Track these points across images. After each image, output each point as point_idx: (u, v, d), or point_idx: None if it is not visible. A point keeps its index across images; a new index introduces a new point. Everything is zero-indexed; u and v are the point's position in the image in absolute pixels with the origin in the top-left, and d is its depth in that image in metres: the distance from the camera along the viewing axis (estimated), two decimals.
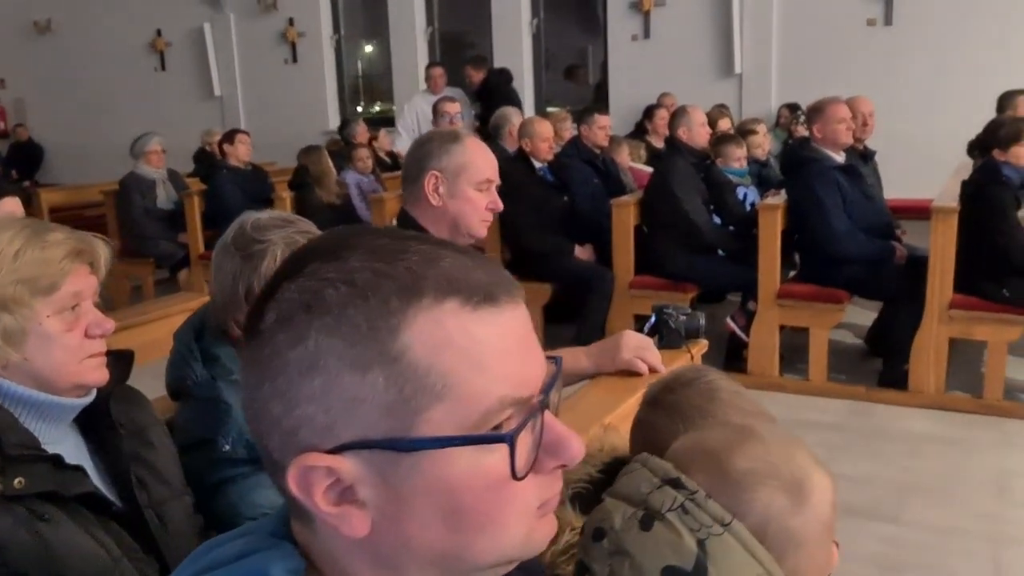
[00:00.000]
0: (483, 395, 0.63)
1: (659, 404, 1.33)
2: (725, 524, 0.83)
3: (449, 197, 2.08)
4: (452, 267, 0.64)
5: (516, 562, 0.71)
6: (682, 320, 2.05)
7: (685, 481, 0.85)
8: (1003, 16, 6.76)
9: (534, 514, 0.68)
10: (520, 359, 0.65)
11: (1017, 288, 4.02)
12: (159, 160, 6.12)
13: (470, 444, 0.62)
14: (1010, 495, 3.36)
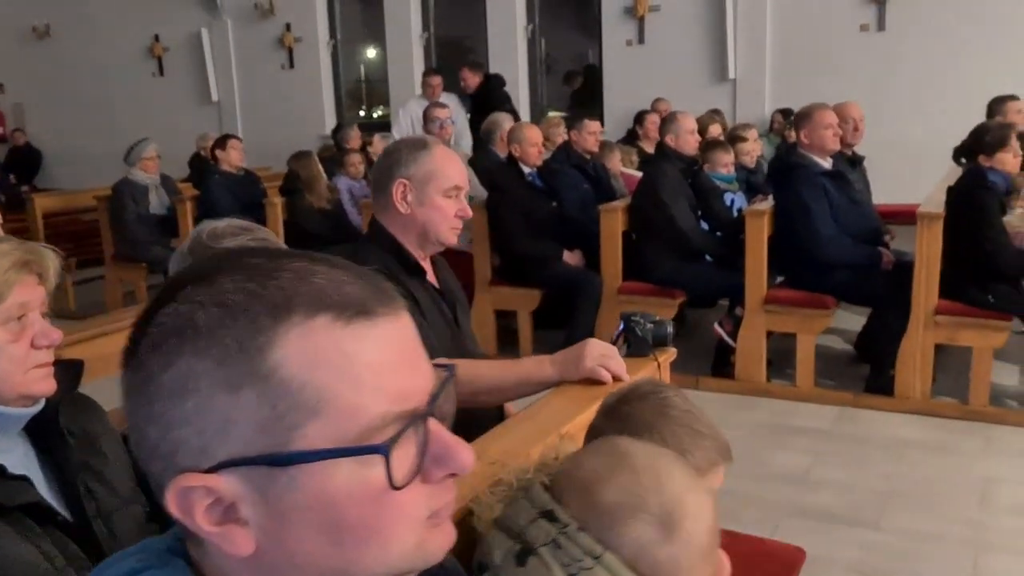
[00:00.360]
0: (360, 409, 0.63)
1: (612, 414, 1.35)
2: (596, 557, 0.82)
3: (417, 205, 2.08)
4: (325, 283, 0.64)
5: (412, 573, 0.71)
6: (649, 328, 2.05)
7: (559, 514, 0.85)
8: (995, 23, 6.76)
9: (424, 524, 0.68)
10: (399, 371, 0.66)
11: (1002, 294, 4.02)
12: (154, 166, 6.14)
13: (342, 456, 0.62)
14: (992, 502, 3.36)
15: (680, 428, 1.28)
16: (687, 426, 1.28)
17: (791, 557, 2.06)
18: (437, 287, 2.19)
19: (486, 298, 5.16)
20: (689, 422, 1.29)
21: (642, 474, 0.85)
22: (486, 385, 1.95)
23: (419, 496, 0.67)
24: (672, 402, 1.32)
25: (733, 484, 3.62)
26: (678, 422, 1.28)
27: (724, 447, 1.30)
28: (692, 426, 1.28)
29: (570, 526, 0.84)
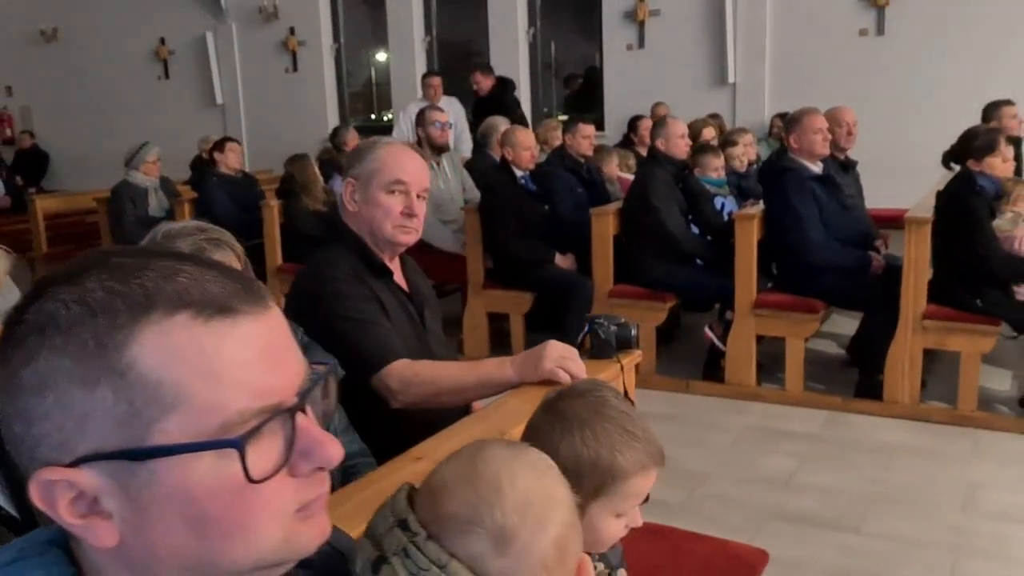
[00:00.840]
0: (219, 405, 0.64)
1: (548, 409, 1.36)
2: (441, 566, 0.83)
3: (363, 203, 2.08)
4: (188, 282, 0.66)
5: (283, 565, 0.72)
6: (613, 330, 2.06)
7: (411, 522, 0.86)
8: (993, 28, 6.74)
9: (292, 517, 0.69)
10: (262, 368, 0.67)
11: (991, 299, 4.01)
12: (155, 170, 6.19)
13: (197, 451, 0.64)
14: (975, 507, 3.35)
15: (611, 426, 1.29)
16: (619, 426, 1.29)
17: (753, 559, 2.07)
18: (405, 288, 2.21)
19: (479, 300, 5.18)
20: (622, 422, 1.30)
21: (483, 485, 0.85)
22: (447, 386, 1.97)
23: (286, 489, 0.69)
24: (608, 402, 1.33)
25: (717, 487, 3.66)
26: (610, 420, 1.29)
27: (656, 452, 1.31)
28: (625, 427, 1.29)
29: (419, 535, 0.85)
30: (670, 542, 2.11)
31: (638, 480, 1.29)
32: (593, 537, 1.31)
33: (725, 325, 4.62)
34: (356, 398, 1.93)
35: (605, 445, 1.27)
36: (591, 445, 1.27)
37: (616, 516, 1.31)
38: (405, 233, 2.11)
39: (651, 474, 1.31)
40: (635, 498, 1.31)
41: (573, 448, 1.28)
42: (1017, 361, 4.71)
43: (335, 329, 1.98)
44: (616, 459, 1.27)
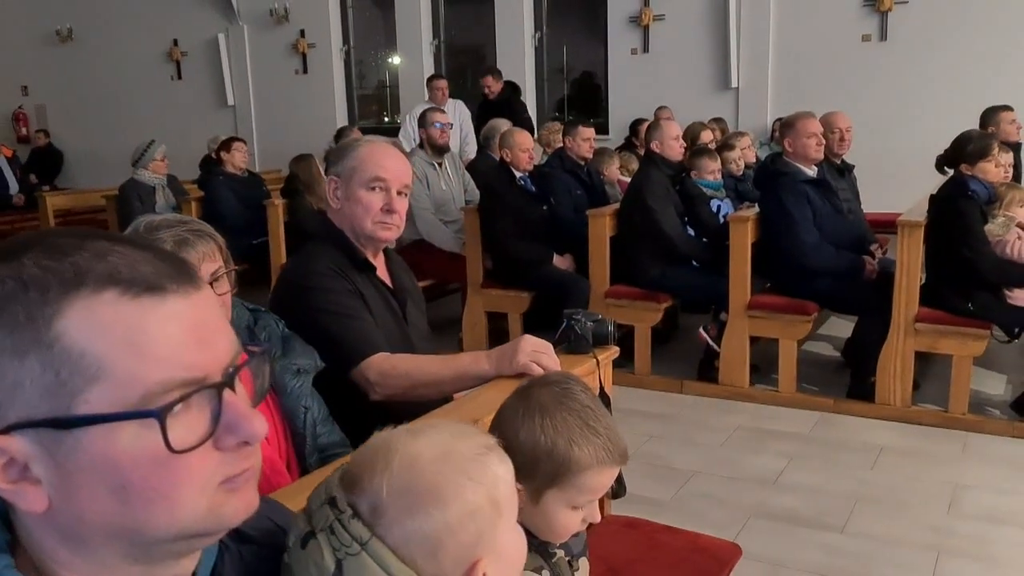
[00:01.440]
0: (140, 377, 0.68)
1: (518, 394, 1.40)
2: (363, 544, 0.85)
3: (345, 199, 2.15)
4: (119, 261, 0.70)
5: (210, 535, 0.76)
6: (589, 326, 2.11)
7: (339, 500, 0.88)
8: (997, 35, 6.75)
9: (217, 489, 0.73)
10: (187, 344, 0.71)
11: (982, 302, 4.04)
12: (162, 168, 6.28)
13: (119, 420, 0.68)
14: (959, 508, 3.38)
15: (572, 418, 1.31)
16: (581, 419, 1.31)
17: (726, 553, 2.11)
18: (388, 283, 2.27)
19: (478, 300, 5.24)
20: (585, 416, 1.32)
21: (396, 467, 0.88)
22: (424, 379, 2.03)
23: (209, 462, 0.72)
24: (574, 394, 1.35)
25: (704, 486, 3.71)
26: (572, 412, 1.32)
27: (616, 450, 1.32)
28: (587, 421, 1.31)
29: (345, 513, 0.87)
30: (644, 535, 2.16)
31: (593, 475, 1.30)
32: (547, 526, 1.34)
33: (720, 326, 4.66)
34: (336, 390, 2.00)
35: (563, 435, 1.29)
36: (549, 434, 1.29)
37: (572, 508, 1.32)
38: (385, 229, 2.16)
39: (608, 471, 1.32)
40: (591, 492, 1.32)
41: (532, 434, 1.30)
42: (1011, 365, 4.73)
43: (316, 322, 2.05)
44: (572, 451, 1.28)
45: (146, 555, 0.74)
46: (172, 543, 0.74)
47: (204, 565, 0.83)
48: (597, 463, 1.30)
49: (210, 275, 1.66)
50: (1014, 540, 3.12)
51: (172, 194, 6.33)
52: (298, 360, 1.88)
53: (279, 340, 1.91)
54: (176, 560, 0.78)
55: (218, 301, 0.77)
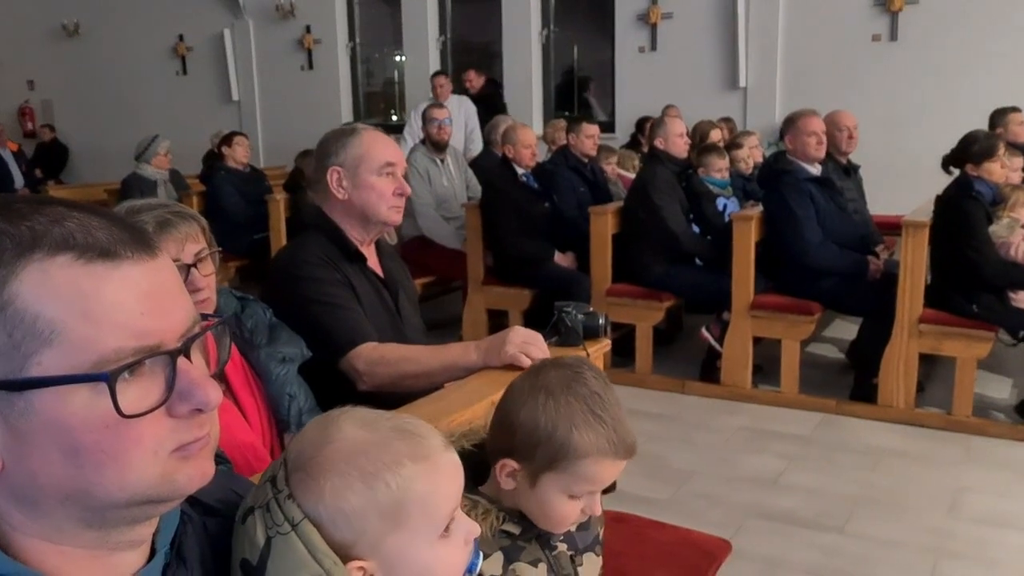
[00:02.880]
0: (93, 342, 0.68)
1: (531, 372, 1.36)
2: (294, 524, 0.85)
3: (353, 189, 2.14)
4: (75, 227, 0.70)
5: (165, 502, 0.76)
6: (580, 319, 2.08)
7: (278, 480, 0.89)
8: (1007, 36, 6.68)
9: (170, 456, 0.74)
10: (142, 310, 0.71)
11: (987, 304, 3.99)
12: (165, 162, 6.28)
13: (69, 383, 0.68)
14: (959, 511, 3.34)
15: (577, 403, 1.26)
16: (586, 405, 1.26)
17: (715, 548, 2.08)
18: (379, 274, 2.24)
19: (479, 297, 5.21)
20: (591, 403, 1.26)
21: (320, 432, 0.90)
22: (413, 369, 2.00)
23: (162, 428, 0.73)
24: (584, 379, 1.30)
25: (702, 485, 3.68)
26: (579, 397, 1.27)
27: (621, 443, 1.26)
28: (593, 408, 1.26)
29: (282, 492, 0.87)
30: (632, 529, 2.13)
31: (591, 464, 1.25)
32: (542, 512, 1.30)
33: (722, 326, 4.62)
34: (324, 380, 1.98)
35: (564, 419, 1.25)
36: (551, 416, 1.25)
37: (569, 496, 1.28)
38: (397, 213, 2.20)
39: (609, 463, 1.27)
40: (589, 483, 1.27)
41: (534, 414, 1.27)
42: (1016, 368, 4.68)
43: (305, 311, 2.03)
44: (572, 436, 1.24)
45: (100, 520, 0.74)
46: (125, 508, 0.74)
47: (164, 534, 0.83)
48: (597, 452, 1.25)
49: (193, 256, 1.64)
50: (1014, 544, 3.08)
51: (174, 188, 6.32)
52: (284, 348, 1.86)
53: (266, 328, 1.89)
54: (130, 527, 0.77)
55: (176, 269, 0.76)
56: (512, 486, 1.30)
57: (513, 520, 1.31)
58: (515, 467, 1.28)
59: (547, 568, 1.33)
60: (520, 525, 1.32)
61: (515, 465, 1.28)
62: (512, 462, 1.28)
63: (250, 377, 1.80)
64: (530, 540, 1.33)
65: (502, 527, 1.30)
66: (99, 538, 0.76)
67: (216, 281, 1.76)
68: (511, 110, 8.10)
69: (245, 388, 1.76)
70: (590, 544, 1.43)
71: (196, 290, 1.62)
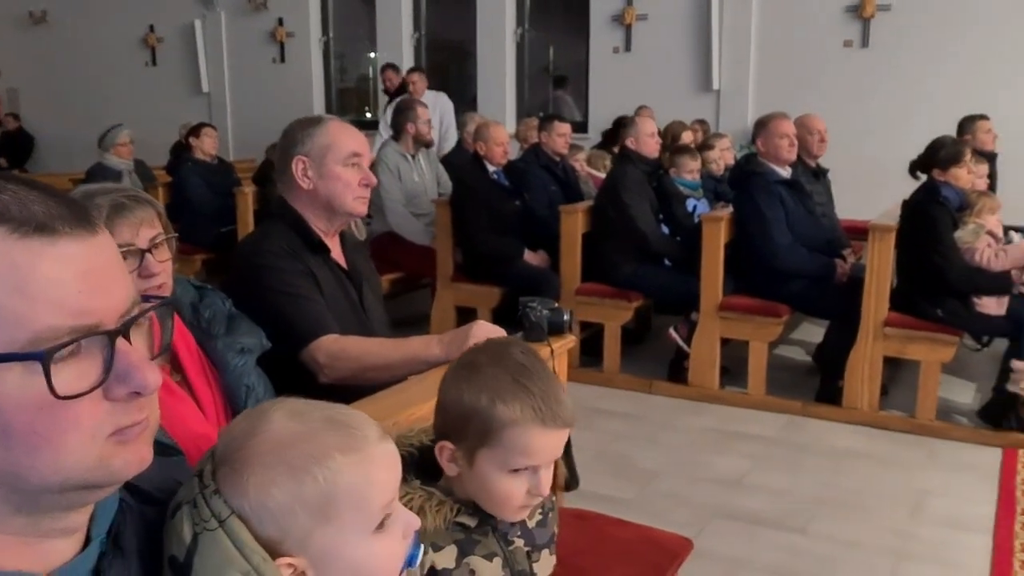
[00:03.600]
0: (27, 319, 0.66)
1: (460, 357, 1.37)
2: (221, 520, 0.83)
3: (318, 179, 2.11)
4: (10, 200, 0.67)
5: (100, 488, 0.73)
6: (545, 314, 2.06)
7: (205, 474, 0.86)
8: (977, 44, 6.77)
9: (107, 440, 0.71)
10: (79, 289, 0.68)
11: (951, 309, 4.02)
12: (127, 152, 6.18)
13: (2, 362, 0.65)
14: (921, 513, 3.36)
15: (502, 374, 1.26)
16: (511, 376, 1.25)
17: (676, 547, 2.07)
18: (343, 266, 2.21)
19: (448, 293, 5.18)
20: (517, 373, 1.26)
21: (272, 438, 0.87)
22: (374, 362, 1.97)
23: (99, 411, 0.70)
24: (510, 354, 1.31)
25: (668, 485, 3.67)
26: (504, 369, 1.27)
27: (550, 411, 1.24)
28: (517, 379, 1.25)
29: (208, 488, 0.85)
30: (593, 526, 2.12)
31: (520, 433, 1.23)
32: (486, 493, 1.28)
33: (690, 326, 4.63)
34: (285, 372, 1.94)
35: (488, 391, 1.24)
36: (475, 389, 1.25)
37: (509, 472, 1.26)
38: (363, 203, 2.18)
39: (538, 431, 1.24)
40: (524, 455, 1.25)
41: (460, 392, 1.27)
42: (980, 373, 4.72)
43: (266, 301, 1.99)
44: (496, 407, 1.23)
45: (32, 505, 0.72)
46: (59, 494, 0.71)
47: (100, 523, 0.80)
48: (523, 420, 1.23)
49: (149, 241, 1.60)
50: (974, 546, 3.10)
51: (140, 179, 6.22)
52: (243, 339, 1.82)
53: (224, 318, 1.85)
54: (64, 513, 0.75)
55: (116, 248, 0.74)
56: (456, 471, 1.29)
57: (468, 512, 1.30)
58: (451, 448, 1.27)
59: (502, 562, 1.32)
60: (475, 517, 1.31)
61: (451, 446, 1.27)
62: (448, 444, 1.27)
63: (207, 367, 1.76)
64: (486, 533, 1.32)
65: (456, 519, 1.28)
66: (29, 524, 0.73)
67: (173, 269, 1.72)
68: (483, 108, 8.09)
69: (201, 378, 1.72)
70: (547, 541, 1.42)
71: (151, 276, 1.58)
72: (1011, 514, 3.31)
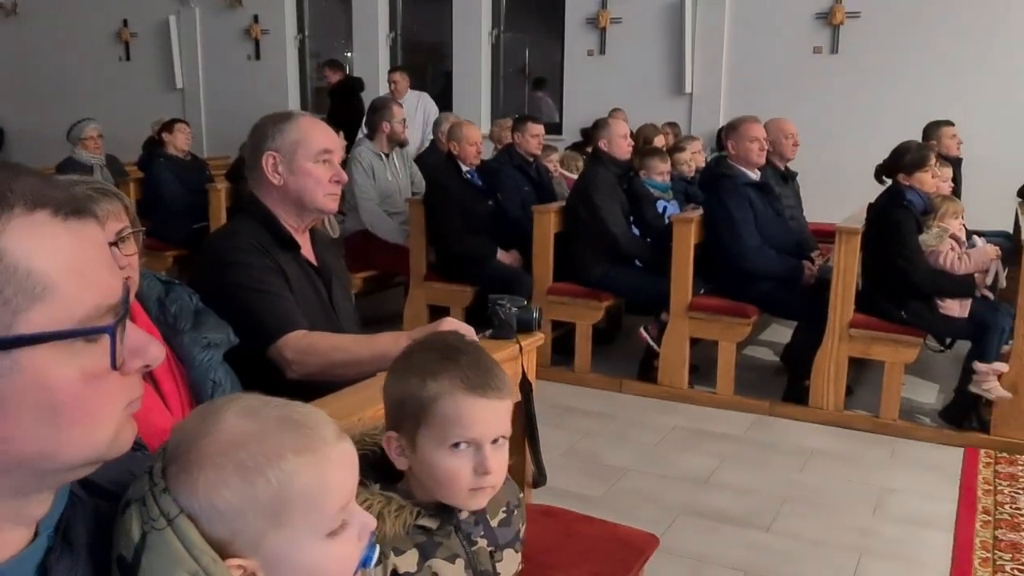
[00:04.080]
0: (81, 298, 0.69)
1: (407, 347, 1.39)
2: (170, 519, 0.82)
3: (289, 174, 2.11)
4: (34, 183, 0.70)
5: (102, 462, 0.76)
6: (514, 312, 2.08)
7: (155, 472, 0.85)
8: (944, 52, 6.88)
9: (122, 413, 0.75)
10: (107, 268, 0.73)
11: (915, 311, 4.09)
12: (96, 146, 6.13)
13: (70, 338, 0.68)
14: (884, 511, 3.42)
15: (430, 355, 1.29)
16: (439, 354, 1.29)
17: (642, 543, 2.10)
18: (312, 262, 2.22)
19: (420, 292, 5.19)
20: (444, 352, 1.29)
21: (204, 441, 0.85)
22: (342, 358, 1.98)
23: (119, 385, 0.74)
24: (442, 337, 1.37)
25: (636, 483, 3.71)
26: (433, 351, 1.30)
27: (478, 379, 1.26)
28: (446, 355, 1.28)
29: (158, 486, 0.83)
30: (560, 523, 2.14)
31: (451, 403, 1.24)
32: (433, 477, 1.27)
33: (660, 326, 4.67)
34: (252, 368, 1.94)
35: (417, 371, 1.27)
36: (407, 374, 1.28)
37: (449, 449, 1.25)
38: (334, 200, 2.18)
39: (469, 400, 1.25)
40: (459, 426, 1.25)
41: (396, 380, 1.30)
42: (942, 374, 4.81)
43: (234, 297, 1.99)
44: (425, 383, 1.25)
45: (38, 484, 0.74)
46: (76, 470, 0.74)
47: (48, 516, 0.79)
48: (452, 390, 1.24)
49: (115, 234, 1.60)
50: (935, 543, 3.16)
51: (111, 174, 6.17)
52: (209, 334, 1.83)
53: (191, 313, 1.85)
54: (41, 494, 0.76)
55: None
56: (405, 463, 1.30)
57: (429, 514, 1.29)
58: (396, 438, 1.29)
59: (465, 563, 1.31)
60: (437, 519, 1.30)
61: (396, 435, 1.29)
62: (392, 434, 1.29)
63: (173, 362, 1.76)
64: (448, 535, 1.31)
65: (417, 522, 1.28)
66: (16, 508, 0.74)
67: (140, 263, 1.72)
68: (459, 108, 8.10)
69: (167, 373, 1.73)
70: (511, 540, 1.42)
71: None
72: (971, 512, 3.37)
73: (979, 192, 5.72)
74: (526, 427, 2.11)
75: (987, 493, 3.54)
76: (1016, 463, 3.83)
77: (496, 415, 1.28)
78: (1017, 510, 3.39)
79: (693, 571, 2.95)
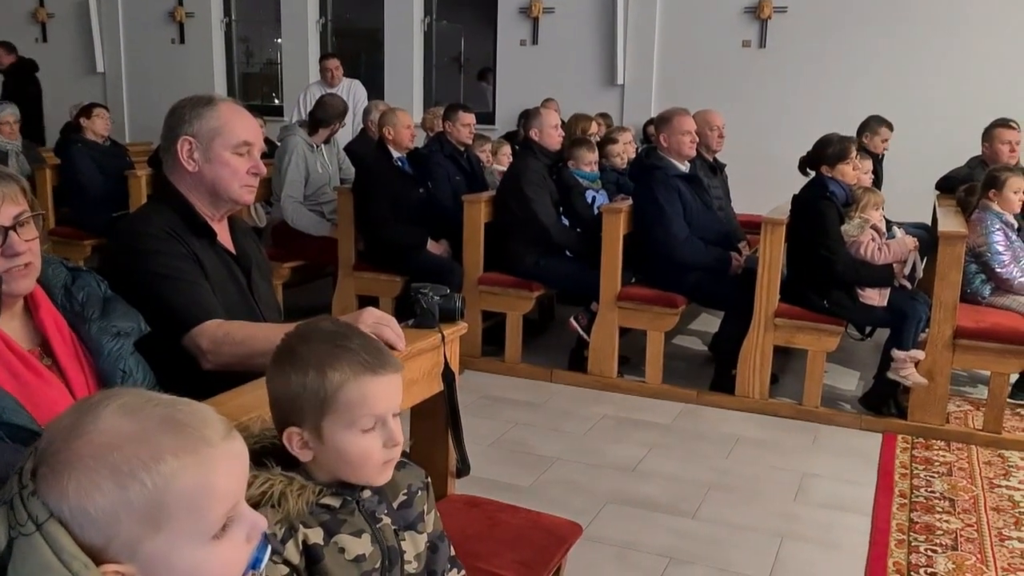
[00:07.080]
0: None
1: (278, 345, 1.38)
2: (38, 524, 0.79)
3: (204, 162, 2.04)
4: None
5: None
6: (436, 300, 2.06)
7: (24, 474, 0.81)
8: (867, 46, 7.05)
9: None
10: None
11: (837, 300, 4.19)
12: (11, 131, 5.88)
13: None
14: (805, 496, 3.50)
15: (319, 346, 1.30)
16: (329, 343, 1.31)
17: (566, 531, 2.10)
18: (230, 250, 2.15)
19: (349, 282, 5.12)
20: (332, 340, 1.31)
21: (96, 438, 0.82)
22: (260, 348, 1.91)
23: None
24: (317, 327, 1.36)
25: (565, 472, 3.71)
26: (318, 341, 1.31)
27: (376, 359, 1.30)
28: (336, 343, 1.30)
29: (26, 488, 0.80)
30: (484, 513, 2.13)
31: (354, 388, 1.27)
32: (347, 463, 1.30)
33: (590, 316, 4.69)
34: (166, 358, 1.88)
35: (314, 364, 1.27)
36: (300, 369, 1.28)
37: (360, 432, 1.28)
38: (250, 192, 2.12)
39: (370, 380, 1.29)
40: (367, 407, 1.28)
41: (286, 377, 1.29)
42: (862, 362, 4.93)
43: (146, 285, 1.92)
44: (325, 375, 1.26)
45: None
46: None
47: None
48: (354, 375, 1.28)
49: (13, 219, 1.52)
50: (854, 527, 3.24)
51: (27, 161, 5.93)
52: (118, 322, 1.75)
53: (99, 301, 1.77)
54: None
55: None
56: (309, 455, 1.30)
57: (331, 492, 1.31)
58: (298, 432, 1.29)
59: (371, 538, 1.33)
60: (339, 497, 1.32)
61: (297, 430, 1.29)
62: (294, 429, 1.29)
63: (80, 352, 1.69)
64: (352, 512, 1.33)
65: (320, 501, 1.29)
66: None
67: (42, 248, 1.64)
68: (391, 97, 8.00)
69: (74, 363, 1.65)
70: (412, 522, 1.43)
71: (15, 255, 1.50)
72: (889, 496, 3.47)
73: (899, 183, 5.88)
74: (449, 417, 2.09)
75: (903, 477, 3.65)
76: (931, 447, 3.96)
77: (394, 388, 1.33)
78: (932, 493, 3.49)
79: (619, 558, 2.97)
